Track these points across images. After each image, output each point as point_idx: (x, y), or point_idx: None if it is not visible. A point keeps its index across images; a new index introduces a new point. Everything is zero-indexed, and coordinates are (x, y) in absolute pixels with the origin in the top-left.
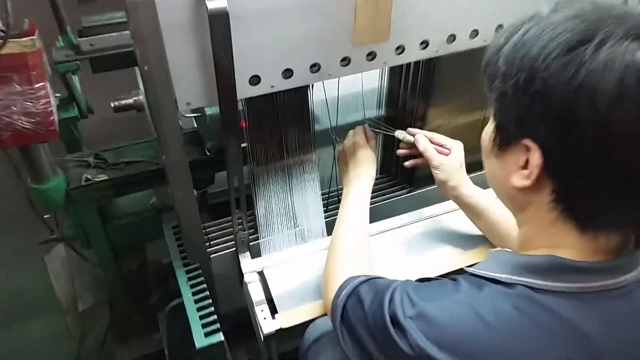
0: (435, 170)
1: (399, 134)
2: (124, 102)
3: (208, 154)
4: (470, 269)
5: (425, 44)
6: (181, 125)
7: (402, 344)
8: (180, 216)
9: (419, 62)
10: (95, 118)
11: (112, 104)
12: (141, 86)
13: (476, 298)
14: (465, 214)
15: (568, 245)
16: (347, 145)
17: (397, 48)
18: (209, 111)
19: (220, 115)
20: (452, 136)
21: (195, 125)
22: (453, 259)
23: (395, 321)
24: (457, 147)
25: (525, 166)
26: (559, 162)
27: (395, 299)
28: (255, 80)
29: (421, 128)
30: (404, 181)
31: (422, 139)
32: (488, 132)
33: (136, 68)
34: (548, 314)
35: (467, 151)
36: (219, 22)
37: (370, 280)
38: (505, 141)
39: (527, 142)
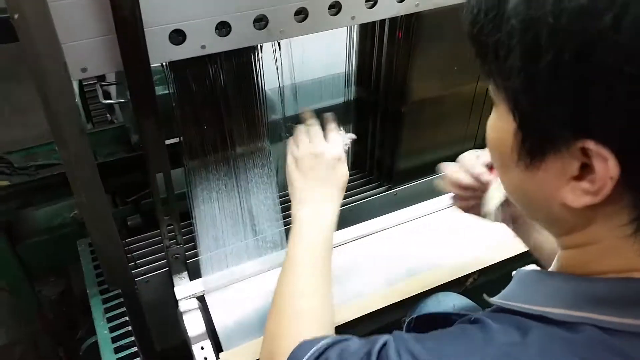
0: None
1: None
2: None
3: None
4: (498, 301)
5: None
6: (113, 119)
7: None
8: (90, 228)
9: (395, 20)
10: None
11: None
12: None
13: (521, 351)
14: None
15: None
16: (301, 149)
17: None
18: None
19: (127, 85)
20: (441, 115)
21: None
22: (449, 267)
23: None
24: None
25: (581, 176)
26: None
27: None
28: (178, 37)
29: (400, 109)
30: (380, 177)
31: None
32: (502, 131)
33: None
34: None
35: (457, 138)
36: None
37: (338, 343)
38: (540, 147)
39: (589, 145)
